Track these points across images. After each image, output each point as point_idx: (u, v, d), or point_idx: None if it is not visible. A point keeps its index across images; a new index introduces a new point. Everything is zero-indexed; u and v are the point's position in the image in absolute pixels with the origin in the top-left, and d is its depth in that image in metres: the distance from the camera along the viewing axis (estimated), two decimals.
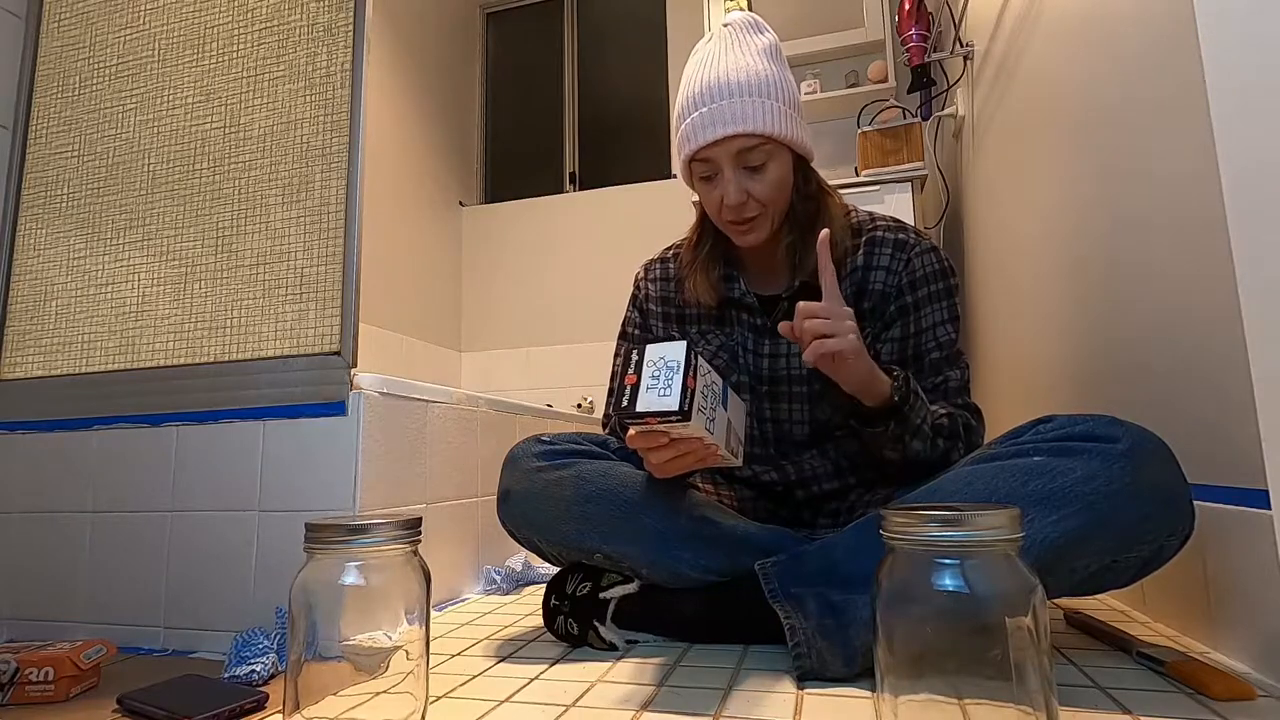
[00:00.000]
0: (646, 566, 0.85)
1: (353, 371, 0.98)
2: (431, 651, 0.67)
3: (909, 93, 2.11)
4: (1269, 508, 0.62)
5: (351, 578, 0.57)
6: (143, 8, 1.18)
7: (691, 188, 0.94)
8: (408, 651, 0.58)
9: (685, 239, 1.04)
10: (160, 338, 1.08)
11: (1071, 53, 1.10)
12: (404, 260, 2.71)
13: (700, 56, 0.91)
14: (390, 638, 0.58)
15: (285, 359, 1.00)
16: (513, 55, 3.40)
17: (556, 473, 0.89)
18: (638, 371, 0.69)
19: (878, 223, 0.96)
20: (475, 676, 0.76)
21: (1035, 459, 0.70)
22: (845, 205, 0.98)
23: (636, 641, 0.86)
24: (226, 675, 0.76)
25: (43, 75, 1.22)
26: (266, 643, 0.79)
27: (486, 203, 3.26)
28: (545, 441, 0.94)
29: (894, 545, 0.51)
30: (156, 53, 1.16)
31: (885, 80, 2.38)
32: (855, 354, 0.75)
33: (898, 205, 1.99)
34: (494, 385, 2.94)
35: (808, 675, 0.70)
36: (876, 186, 2.02)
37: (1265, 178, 0.62)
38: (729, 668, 0.75)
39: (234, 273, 1.06)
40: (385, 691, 0.58)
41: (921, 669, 0.49)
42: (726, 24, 0.92)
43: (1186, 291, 0.77)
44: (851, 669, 0.69)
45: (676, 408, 0.66)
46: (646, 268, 1.09)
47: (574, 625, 0.86)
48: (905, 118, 2.11)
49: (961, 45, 1.81)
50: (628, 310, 1.10)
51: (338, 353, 0.99)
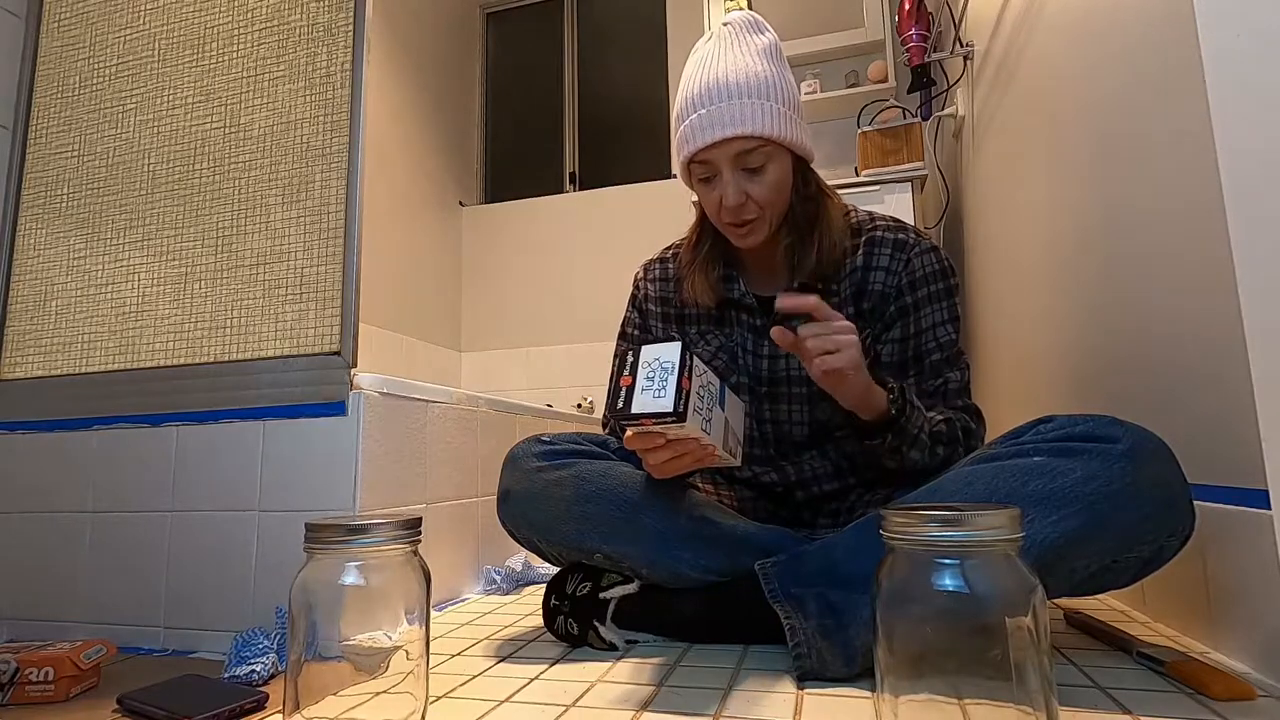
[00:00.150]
0: (646, 566, 0.85)
1: (353, 371, 0.98)
2: (431, 651, 0.67)
3: (909, 93, 2.11)
4: (1269, 508, 0.62)
5: (351, 578, 0.57)
6: (143, 8, 1.18)
7: (691, 188, 0.94)
8: (408, 651, 0.58)
9: (685, 239, 1.04)
10: (160, 338, 1.08)
11: (1071, 52, 1.10)
12: (404, 260, 2.71)
13: (700, 56, 0.90)
14: (390, 638, 0.58)
15: (285, 359, 1.00)
16: (513, 55, 3.40)
17: (556, 473, 0.89)
18: (633, 373, 0.69)
19: (877, 222, 0.96)
20: (475, 676, 0.76)
21: (1035, 459, 0.70)
22: (845, 205, 0.98)
23: (636, 641, 0.86)
24: (226, 675, 0.76)
25: (43, 75, 1.22)
26: (266, 643, 0.79)
27: (486, 203, 3.26)
28: (545, 441, 0.94)
29: (894, 545, 0.51)
30: (156, 53, 1.16)
31: (885, 80, 2.38)
32: (856, 369, 0.76)
33: (898, 205, 1.99)
34: (494, 385, 2.94)
35: (808, 675, 0.70)
36: (876, 186, 2.02)
37: (1265, 177, 0.62)
38: (729, 668, 0.75)
39: (234, 273, 1.06)
40: (385, 691, 0.58)
41: (921, 669, 0.49)
42: (726, 23, 0.91)
43: (1186, 291, 0.78)
44: (851, 669, 0.69)
45: (671, 409, 0.66)
46: (646, 268, 1.09)
47: (574, 625, 0.86)
48: (905, 118, 2.10)
49: (961, 45, 1.81)
50: (627, 310, 1.10)
51: (338, 353, 0.99)
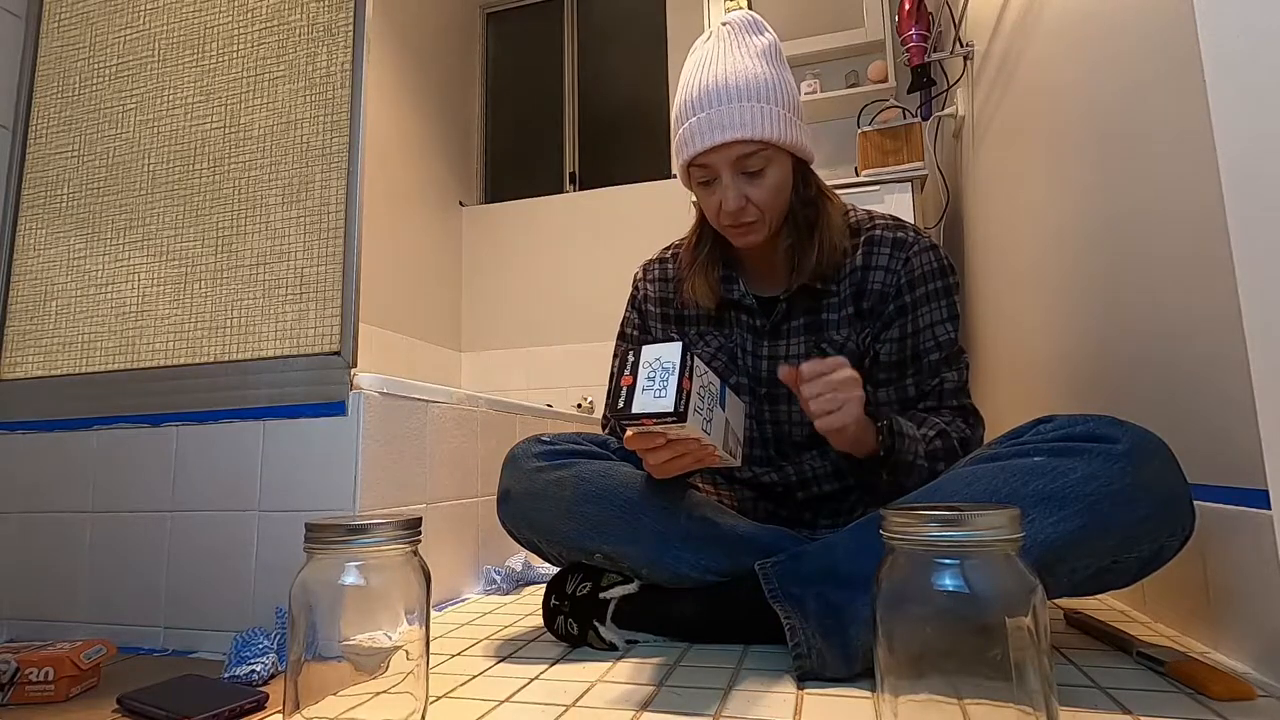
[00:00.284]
0: (646, 566, 0.85)
1: (353, 371, 0.98)
2: (431, 651, 0.67)
3: (909, 93, 2.11)
4: (1269, 508, 0.62)
5: (351, 578, 0.57)
6: (143, 8, 1.18)
7: (690, 190, 0.94)
8: (408, 651, 0.58)
9: (684, 240, 1.04)
10: (160, 338, 1.08)
11: (1071, 52, 1.10)
12: (404, 260, 2.71)
13: (699, 57, 0.89)
14: (390, 638, 0.58)
15: (285, 359, 1.00)
16: (513, 55, 3.40)
17: (556, 473, 0.89)
18: (633, 373, 0.69)
19: (876, 221, 0.96)
20: (475, 676, 0.76)
21: (1036, 459, 0.70)
22: (844, 205, 0.98)
23: (636, 641, 0.86)
24: (226, 675, 0.76)
25: (43, 75, 1.22)
26: (266, 643, 0.79)
27: (486, 203, 3.26)
28: (545, 441, 0.94)
29: (894, 545, 0.51)
30: (156, 53, 1.16)
31: (885, 80, 2.38)
32: (855, 424, 0.76)
33: (898, 205, 1.99)
34: (494, 385, 2.94)
35: (808, 675, 0.70)
36: (876, 186, 2.02)
37: (1265, 177, 0.61)
38: (729, 668, 0.75)
39: (234, 273, 1.06)
40: (385, 691, 0.58)
41: (921, 669, 0.49)
42: (725, 23, 0.90)
43: (1186, 291, 0.78)
44: (851, 669, 0.69)
45: (671, 409, 0.66)
46: (645, 268, 1.09)
47: (574, 625, 0.86)
48: (905, 118, 2.10)
49: (961, 45, 1.80)
50: (626, 311, 1.10)
51: (338, 353, 0.99)
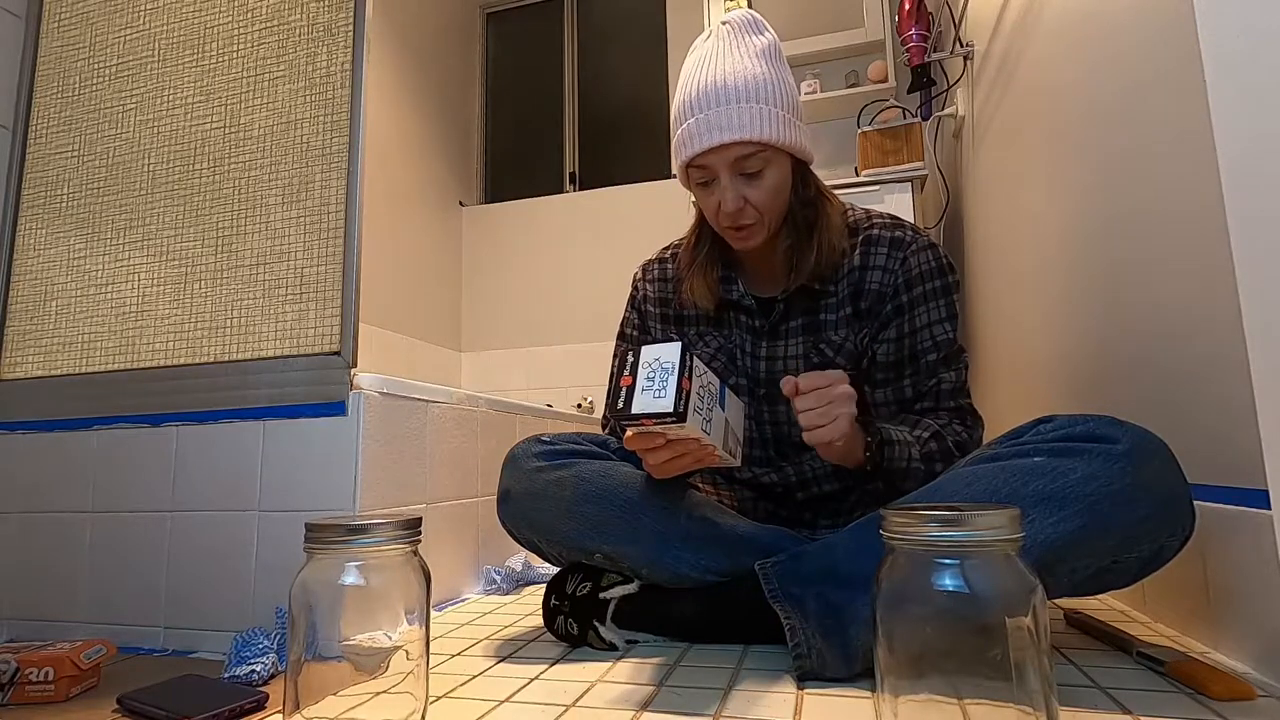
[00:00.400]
0: (646, 566, 0.85)
1: (353, 371, 0.98)
2: (431, 651, 0.67)
3: (909, 93, 2.11)
4: (1269, 508, 0.62)
5: (351, 578, 0.57)
6: (143, 8, 1.18)
7: (689, 191, 0.94)
8: (408, 651, 0.58)
9: (683, 240, 1.04)
10: (160, 338, 1.08)
11: (1071, 52, 1.10)
12: (404, 260, 2.71)
13: (698, 56, 0.89)
14: (390, 638, 0.58)
15: (285, 359, 1.00)
16: (513, 55, 3.40)
17: (556, 473, 0.89)
18: (633, 373, 0.69)
19: (874, 220, 0.96)
20: (475, 676, 0.76)
21: (1036, 459, 0.70)
22: (843, 205, 0.98)
23: (636, 641, 0.86)
24: (226, 675, 0.76)
25: (43, 75, 1.22)
26: (266, 643, 0.79)
27: (486, 203, 3.26)
28: (545, 441, 0.94)
29: (894, 545, 0.51)
30: (156, 53, 1.16)
31: (885, 80, 2.38)
32: (844, 439, 0.76)
33: (898, 205, 1.99)
34: (494, 385, 2.94)
35: (808, 675, 0.70)
36: (876, 186, 2.02)
37: (1265, 177, 0.61)
38: (729, 668, 0.75)
39: (234, 273, 1.06)
40: (385, 691, 0.58)
41: (921, 669, 0.49)
42: (725, 22, 0.90)
43: (1186, 291, 0.77)
44: (851, 669, 0.69)
45: (671, 409, 0.66)
46: (645, 269, 1.09)
47: (574, 625, 0.86)
48: (905, 118, 2.10)
49: (961, 45, 1.80)
50: (626, 311, 1.10)
51: (338, 353, 0.99)
